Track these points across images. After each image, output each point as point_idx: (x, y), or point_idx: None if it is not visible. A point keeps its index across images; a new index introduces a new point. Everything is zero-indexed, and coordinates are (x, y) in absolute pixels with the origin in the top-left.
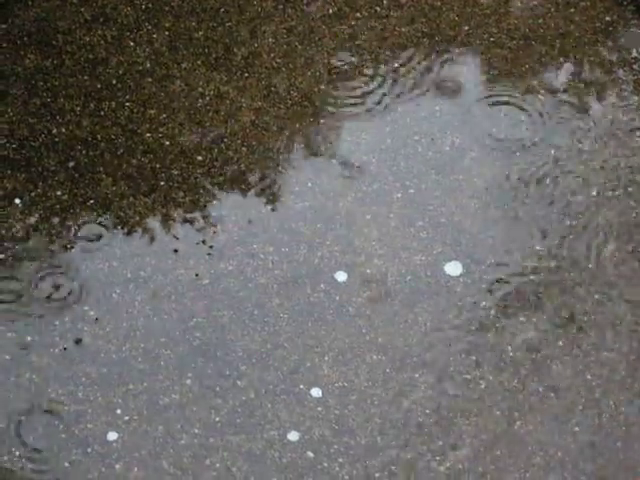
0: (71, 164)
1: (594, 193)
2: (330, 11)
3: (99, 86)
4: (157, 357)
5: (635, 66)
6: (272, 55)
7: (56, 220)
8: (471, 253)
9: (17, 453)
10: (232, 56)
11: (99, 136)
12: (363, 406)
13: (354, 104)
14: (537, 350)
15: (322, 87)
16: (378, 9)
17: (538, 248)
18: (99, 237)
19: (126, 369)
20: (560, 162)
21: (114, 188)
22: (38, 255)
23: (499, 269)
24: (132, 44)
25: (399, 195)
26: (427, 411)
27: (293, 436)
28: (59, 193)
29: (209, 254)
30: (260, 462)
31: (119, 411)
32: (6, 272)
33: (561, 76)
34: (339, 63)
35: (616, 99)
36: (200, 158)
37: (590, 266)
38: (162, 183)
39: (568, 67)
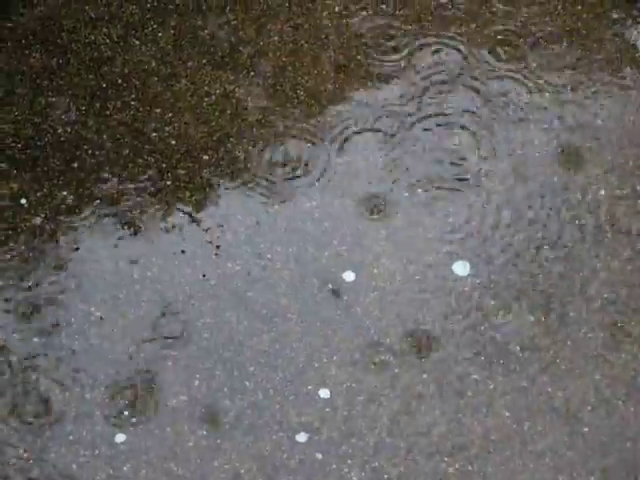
0: (77, 164)
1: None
2: (336, 9)
3: (104, 85)
4: (165, 358)
5: None
6: (278, 54)
7: (62, 220)
8: (479, 253)
9: (25, 455)
10: (238, 55)
11: (105, 136)
12: (371, 407)
13: (361, 102)
14: (546, 350)
15: (329, 86)
16: (384, 7)
17: (546, 248)
18: (106, 238)
19: (133, 370)
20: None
21: (120, 188)
22: (44, 255)
23: (507, 269)
24: (137, 43)
25: (406, 194)
26: (436, 412)
27: (302, 437)
28: (65, 193)
29: (216, 254)
30: (269, 463)
31: (127, 413)
32: (13, 272)
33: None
34: (345, 61)
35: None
36: (206, 157)
37: (599, 265)
38: (168, 183)
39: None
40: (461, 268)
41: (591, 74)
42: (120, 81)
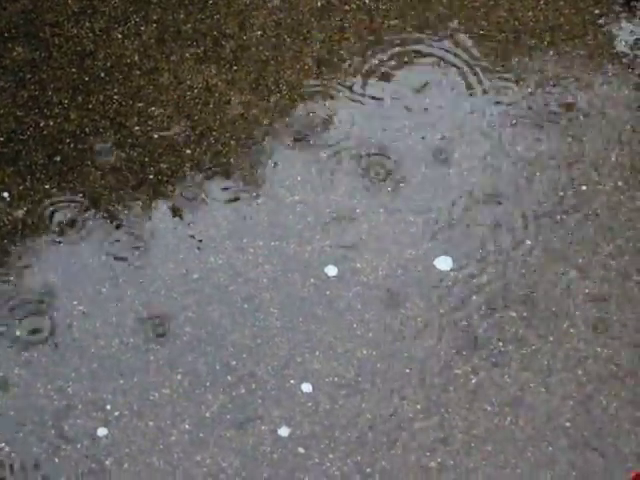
0: (59, 157)
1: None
2: (319, 4)
3: (87, 79)
4: (147, 352)
5: (624, 59)
6: (261, 48)
7: (44, 214)
8: (461, 247)
9: (7, 449)
10: (221, 49)
11: (87, 129)
12: (354, 401)
13: (343, 97)
14: (528, 345)
15: (311, 80)
16: (367, 2)
17: (528, 242)
18: (88, 232)
19: (116, 364)
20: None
21: (102, 182)
22: (26, 249)
23: (490, 264)
24: (120, 37)
25: (389, 189)
26: (418, 406)
27: (284, 431)
28: (47, 187)
29: (199, 248)
30: (251, 458)
31: (109, 407)
32: None
33: None
34: (328, 56)
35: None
36: (189, 151)
37: (581, 261)
38: (151, 176)
39: None
40: (443, 263)
41: (573, 69)
42: (103, 74)
